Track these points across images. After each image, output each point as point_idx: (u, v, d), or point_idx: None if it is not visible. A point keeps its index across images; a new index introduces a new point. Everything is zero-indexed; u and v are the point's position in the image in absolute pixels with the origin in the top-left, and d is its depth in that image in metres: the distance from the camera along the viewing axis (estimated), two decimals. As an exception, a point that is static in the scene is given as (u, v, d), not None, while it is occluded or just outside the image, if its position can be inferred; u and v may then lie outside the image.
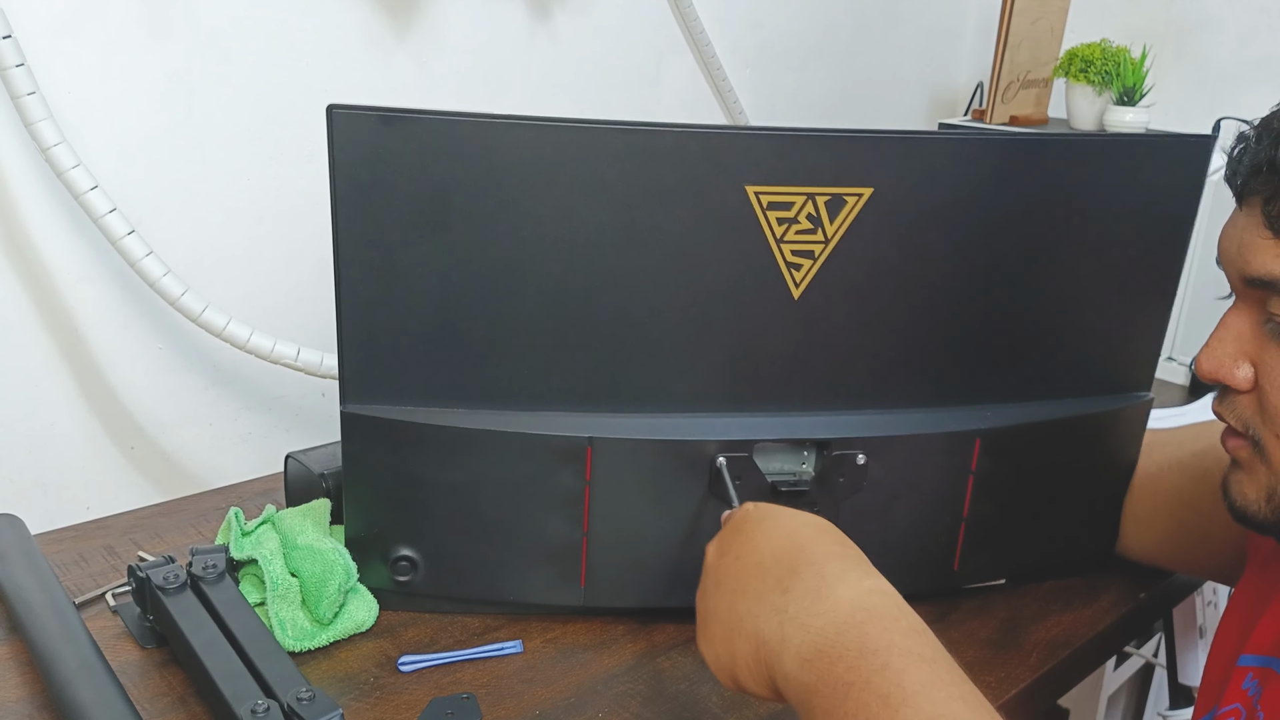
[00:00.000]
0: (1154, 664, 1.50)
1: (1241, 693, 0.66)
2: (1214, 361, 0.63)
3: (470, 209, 0.68)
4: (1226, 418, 0.65)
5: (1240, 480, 0.65)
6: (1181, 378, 1.33)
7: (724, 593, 0.58)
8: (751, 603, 0.56)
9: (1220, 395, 0.65)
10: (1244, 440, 0.64)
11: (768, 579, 0.56)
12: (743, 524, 0.61)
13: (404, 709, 0.69)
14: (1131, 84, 1.57)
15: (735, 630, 0.56)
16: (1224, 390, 0.65)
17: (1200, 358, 0.64)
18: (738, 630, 0.56)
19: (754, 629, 0.55)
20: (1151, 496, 0.85)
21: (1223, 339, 0.63)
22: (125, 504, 0.94)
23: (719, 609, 0.58)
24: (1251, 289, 0.61)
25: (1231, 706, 0.66)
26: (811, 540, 0.57)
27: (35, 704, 0.68)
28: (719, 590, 0.59)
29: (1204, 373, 0.64)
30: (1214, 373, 0.63)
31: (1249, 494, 0.64)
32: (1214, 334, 0.64)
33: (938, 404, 0.78)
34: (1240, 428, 0.64)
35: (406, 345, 0.71)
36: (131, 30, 1.00)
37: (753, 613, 0.55)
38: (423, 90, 1.21)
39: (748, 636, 0.55)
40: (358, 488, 0.75)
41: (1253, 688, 0.66)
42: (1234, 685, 0.67)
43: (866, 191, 0.70)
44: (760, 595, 0.56)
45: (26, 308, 1.01)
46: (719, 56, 1.50)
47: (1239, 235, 0.61)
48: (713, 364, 0.74)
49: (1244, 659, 0.67)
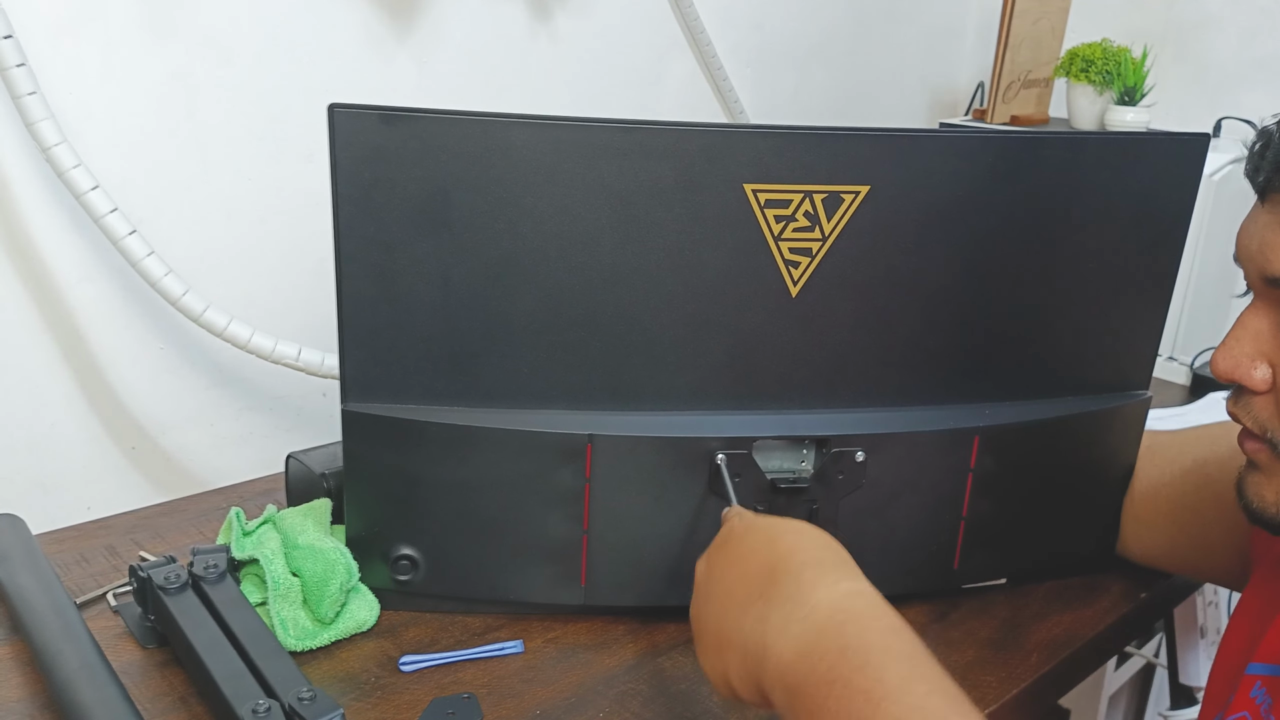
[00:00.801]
0: (1155, 664, 1.50)
1: (1250, 701, 0.65)
2: (1231, 361, 0.61)
3: (471, 207, 0.68)
4: (1242, 419, 0.63)
5: (1258, 482, 0.63)
6: (1182, 378, 1.33)
7: (712, 606, 0.59)
8: (737, 614, 0.57)
9: (1235, 395, 0.64)
10: (1262, 443, 0.62)
11: (751, 590, 0.57)
12: (728, 538, 0.62)
13: (405, 709, 0.70)
14: (1132, 84, 1.57)
15: (724, 642, 0.57)
16: (1239, 390, 0.63)
17: (1216, 357, 0.62)
18: (726, 642, 0.57)
19: (740, 640, 0.56)
20: (1154, 500, 0.84)
21: (1240, 338, 0.61)
22: (126, 504, 0.94)
23: (709, 623, 0.59)
24: (1272, 288, 0.60)
25: (1239, 715, 0.66)
26: (791, 548, 0.58)
27: (36, 704, 0.68)
28: (708, 604, 0.60)
29: (1220, 372, 0.62)
30: (1230, 373, 0.62)
31: (1267, 496, 0.63)
32: (1231, 333, 0.62)
33: (936, 401, 0.78)
34: (1257, 430, 0.62)
35: (407, 343, 0.71)
36: (132, 30, 1.00)
37: (738, 624, 0.56)
38: (423, 90, 1.21)
39: (735, 648, 0.56)
40: (359, 487, 0.75)
41: (1260, 696, 0.65)
42: (1242, 693, 0.66)
43: (863, 189, 0.71)
44: (744, 606, 0.57)
45: (27, 308, 1.01)
46: (719, 56, 1.50)
47: (1260, 233, 0.59)
48: (711, 361, 0.74)
49: (1252, 667, 0.66)
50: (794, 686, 0.52)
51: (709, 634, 0.59)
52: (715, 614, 0.59)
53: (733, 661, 0.56)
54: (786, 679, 0.52)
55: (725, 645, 0.57)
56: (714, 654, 0.58)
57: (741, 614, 0.56)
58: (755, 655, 0.55)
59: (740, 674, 0.56)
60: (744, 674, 0.56)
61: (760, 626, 0.55)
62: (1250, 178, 0.61)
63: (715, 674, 0.58)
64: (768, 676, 0.54)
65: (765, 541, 0.59)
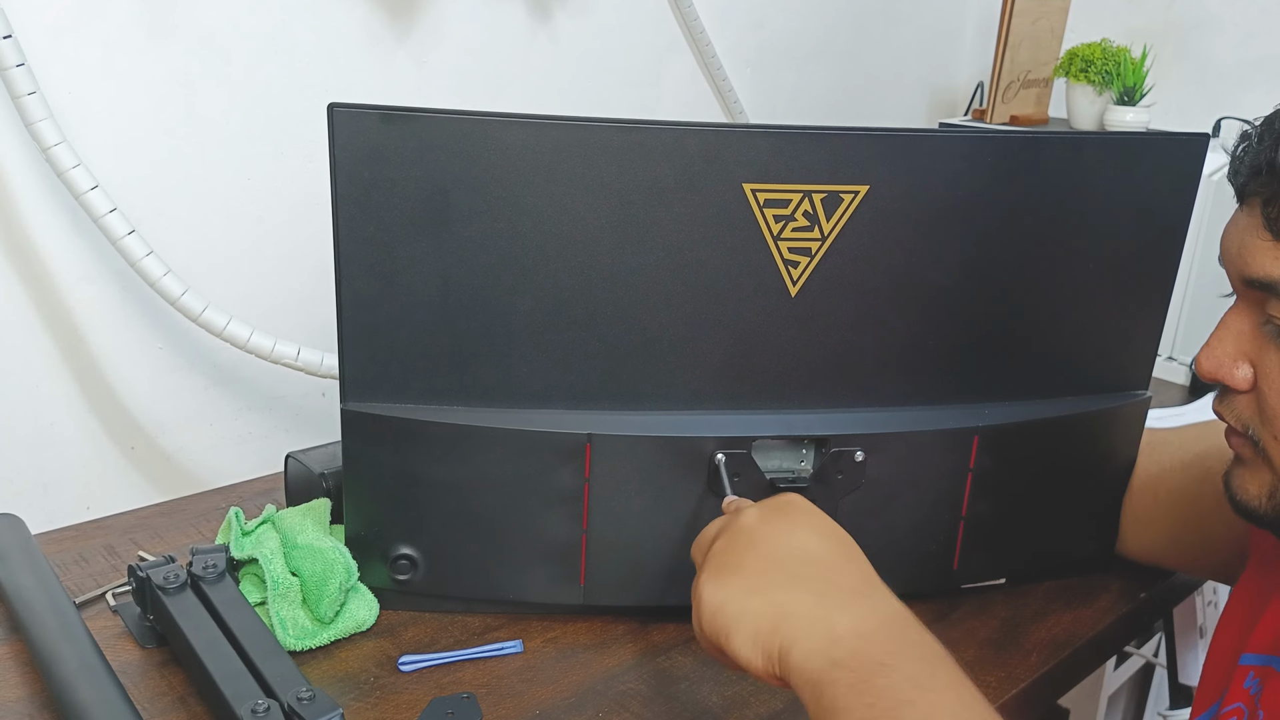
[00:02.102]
0: (1154, 664, 1.50)
1: (1243, 692, 0.66)
2: (1213, 361, 0.63)
3: (470, 207, 0.68)
4: (1226, 417, 0.65)
5: (1242, 475, 0.65)
6: (1182, 378, 1.33)
7: (758, 557, 0.59)
8: (787, 580, 0.58)
9: (1220, 395, 0.65)
10: (1245, 439, 0.64)
11: (812, 567, 0.58)
12: (789, 508, 0.63)
13: (404, 709, 0.69)
14: (1132, 84, 1.57)
15: (757, 594, 0.57)
16: (1224, 390, 0.65)
17: (1200, 357, 0.64)
18: (761, 596, 0.57)
19: (783, 603, 0.56)
20: (1153, 496, 0.84)
21: (1222, 339, 0.63)
22: (125, 504, 0.94)
23: (747, 568, 0.59)
24: (1251, 290, 0.61)
25: (1233, 706, 0.66)
26: (858, 552, 0.61)
27: (35, 704, 0.68)
28: (753, 552, 0.60)
29: (1203, 372, 0.64)
30: (1213, 372, 0.63)
31: (1250, 489, 0.65)
32: (1214, 333, 0.64)
33: (936, 401, 0.78)
34: (1240, 428, 0.64)
35: (406, 343, 0.71)
36: (131, 30, 1.00)
37: (786, 591, 0.57)
38: (423, 90, 1.21)
39: (773, 606, 0.57)
40: (358, 486, 0.75)
41: (1254, 686, 0.66)
42: (1235, 684, 0.67)
43: (862, 189, 0.71)
44: (801, 578, 0.58)
45: (27, 308, 1.01)
46: (719, 56, 1.50)
47: (1239, 235, 0.61)
48: (711, 361, 0.74)
49: (1245, 658, 0.67)
50: (839, 659, 0.53)
51: (741, 577, 0.59)
52: (759, 565, 0.59)
53: (758, 613, 0.57)
54: (832, 651, 0.54)
55: (757, 596, 0.57)
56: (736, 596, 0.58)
57: (793, 582, 0.57)
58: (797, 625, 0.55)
59: (760, 630, 0.56)
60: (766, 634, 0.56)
61: (814, 601, 0.56)
62: (1231, 181, 0.62)
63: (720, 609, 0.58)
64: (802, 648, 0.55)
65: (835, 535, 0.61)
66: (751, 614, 0.57)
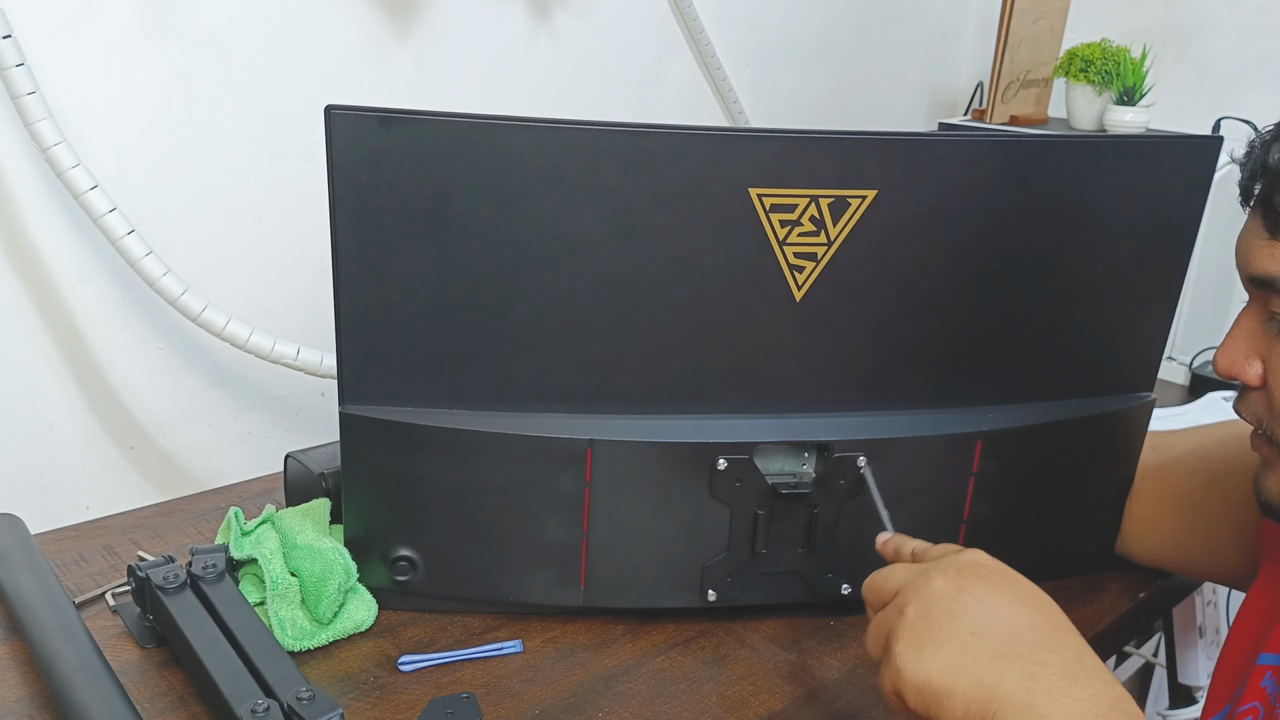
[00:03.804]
0: (1154, 664, 1.50)
1: (1260, 691, 0.67)
2: (1228, 359, 0.66)
3: (469, 210, 0.68)
4: (1243, 414, 0.67)
5: (1266, 476, 0.67)
6: (1182, 377, 1.33)
7: (959, 632, 0.57)
8: (993, 658, 0.55)
9: (1239, 394, 0.67)
10: (1263, 438, 0.66)
11: (1018, 643, 0.56)
12: (984, 572, 0.60)
13: (404, 709, 0.69)
14: (1131, 84, 1.57)
15: (964, 674, 0.55)
16: (1242, 389, 0.67)
17: (1217, 355, 0.67)
18: (968, 676, 0.55)
19: (993, 687, 0.54)
20: (1158, 499, 0.85)
21: (1236, 336, 0.66)
22: (125, 504, 0.94)
23: (950, 643, 0.57)
24: (1256, 288, 0.64)
25: (1250, 705, 0.67)
26: (1064, 619, 0.58)
27: (35, 704, 0.68)
28: (953, 625, 0.57)
29: (1220, 370, 0.66)
30: (1229, 369, 0.66)
31: (1272, 489, 0.66)
32: (1230, 332, 0.66)
33: (939, 406, 0.78)
34: (1255, 423, 0.66)
35: (405, 346, 0.71)
36: (131, 30, 1.00)
37: (995, 673, 0.55)
38: (423, 90, 1.21)
39: (982, 690, 0.55)
40: (357, 488, 0.75)
41: (1271, 686, 0.66)
42: (1252, 683, 0.67)
43: (870, 194, 0.70)
44: (1008, 655, 0.55)
45: (26, 308, 1.01)
46: (719, 56, 1.50)
47: (1246, 237, 0.64)
48: (714, 366, 0.74)
49: (1263, 658, 0.68)
50: None
51: (945, 651, 0.56)
52: (962, 639, 0.56)
53: (965, 690, 0.55)
54: None
55: (963, 674, 0.55)
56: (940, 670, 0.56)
57: (1000, 659, 0.55)
58: (1009, 704, 0.54)
59: (965, 704, 0.55)
60: (971, 707, 0.55)
61: (1026, 683, 0.54)
62: (1239, 184, 0.65)
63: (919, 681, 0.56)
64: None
65: (1039, 603, 0.58)
66: (960, 695, 0.55)
